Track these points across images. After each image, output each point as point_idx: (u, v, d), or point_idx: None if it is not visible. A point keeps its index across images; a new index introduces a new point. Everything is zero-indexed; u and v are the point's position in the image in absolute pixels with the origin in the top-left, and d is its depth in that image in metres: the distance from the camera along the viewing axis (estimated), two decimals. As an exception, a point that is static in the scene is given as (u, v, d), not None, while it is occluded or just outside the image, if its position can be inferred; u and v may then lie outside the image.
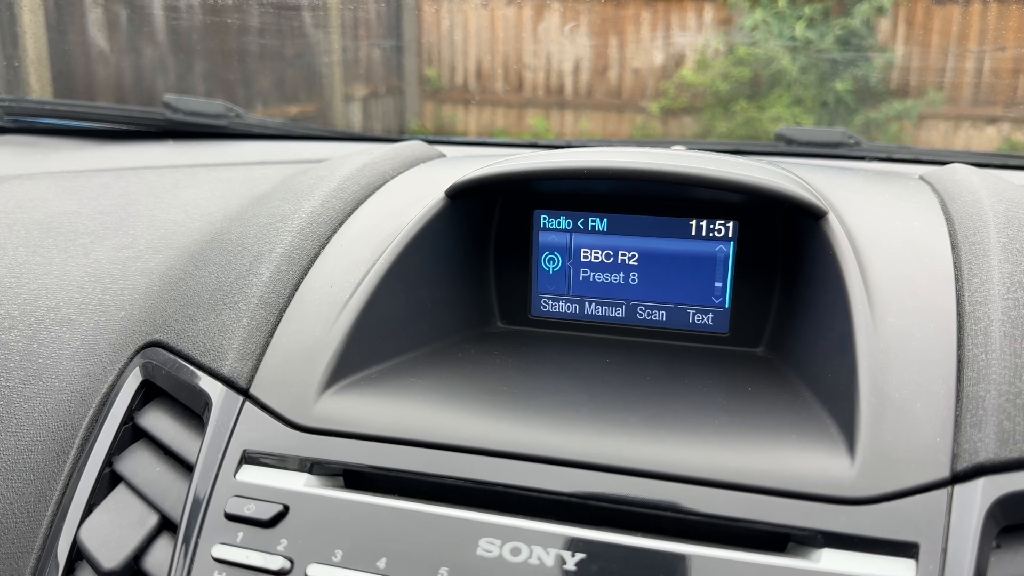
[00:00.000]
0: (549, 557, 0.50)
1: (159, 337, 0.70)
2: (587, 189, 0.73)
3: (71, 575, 0.62)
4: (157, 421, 0.66)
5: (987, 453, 0.48)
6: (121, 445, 0.67)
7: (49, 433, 0.70)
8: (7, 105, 1.42)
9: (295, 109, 2.09)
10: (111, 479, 0.66)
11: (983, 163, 1.03)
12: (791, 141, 1.25)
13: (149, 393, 0.69)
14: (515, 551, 0.50)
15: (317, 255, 0.70)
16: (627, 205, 0.72)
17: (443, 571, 0.50)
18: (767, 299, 0.70)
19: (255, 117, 1.54)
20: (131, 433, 0.68)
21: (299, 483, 0.56)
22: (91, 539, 0.61)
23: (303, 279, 0.68)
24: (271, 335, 0.64)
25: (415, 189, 0.77)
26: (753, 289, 0.70)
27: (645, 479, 0.51)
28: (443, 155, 0.94)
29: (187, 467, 0.61)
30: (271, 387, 0.60)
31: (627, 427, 0.55)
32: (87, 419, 0.69)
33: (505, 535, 0.51)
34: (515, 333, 0.75)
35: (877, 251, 0.62)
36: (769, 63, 2.56)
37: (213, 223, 0.86)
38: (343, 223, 0.73)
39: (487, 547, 0.51)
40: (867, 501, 0.48)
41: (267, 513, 0.54)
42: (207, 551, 0.54)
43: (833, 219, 0.63)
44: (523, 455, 0.54)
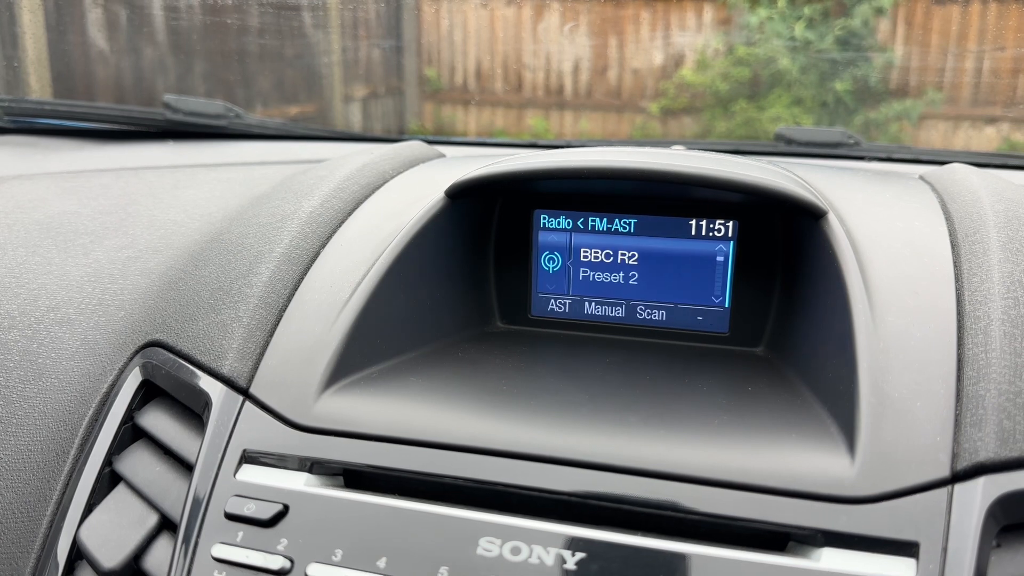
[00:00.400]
0: (549, 556, 0.50)
1: (159, 337, 0.70)
2: (587, 189, 0.73)
3: (71, 575, 0.62)
4: (157, 421, 0.66)
5: (987, 452, 0.48)
6: (121, 445, 0.67)
7: (49, 433, 0.70)
8: (7, 105, 1.42)
9: (295, 109, 2.09)
10: (111, 479, 0.66)
11: (983, 163, 1.03)
12: (791, 141, 1.25)
13: (149, 393, 0.69)
14: (515, 550, 0.50)
15: (317, 255, 0.70)
16: (627, 205, 0.72)
17: (443, 570, 0.50)
18: (767, 299, 0.70)
19: (255, 117, 1.54)
20: (131, 433, 0.68)
21: (299, 483, 0.56)
22: (91, 539, 0.61)
23: (303, 279, 0.68)
24: (271, 335, 0.64)
25: (415, 189, 0.77)
26: (753, 289, 0.70)
27: (645, 478, 0.51)
28: (443, 155, 0.94)
29: (187, 467, 0.61)
30: (271, 387, 0.60)
31: (627, 426, 0.55)
32: (87, 419, 0.69)
33: (505, 534, 0.51)
34: (515, 333, 0.75)
35: (877, 251, 0.62)
36: (769, 63, 2.56)
37: (213, 223, 0.86)
38: (343, 223, 0.73)
39: (487, 546, 0.51)
40: (867, 500, 0.48)
41: (267, 513, 0.54)
42: (207, 551, 0.54)
43: (833, 219, 0.63)
44: (523, 455, 0.54)
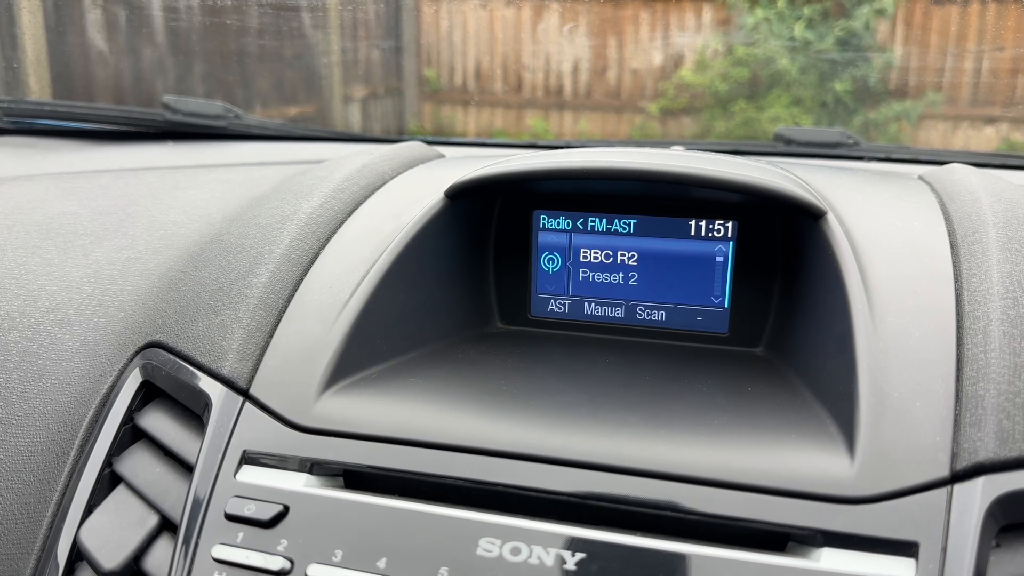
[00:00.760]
0: (549, 557, 0.50)
1: (159, 338, 0.70)
2: (586, 189, 0.73)
3: (71, 576, 0.62)
4: (157, 422, 0.66)
5: (986, 452, 0.49)
6: (121, 446, 0.67)
7: (49, 434, 0.70)
8: (6, 106, 1.42)
9: (294, 110, 2.09)
10: (111, 480, 0.66)
11: (982, 163, 1.03)
12: (790, 141, 1.25)
13: (149, 394, 0.69)
14: (515, 551, 0.50)
15: (316, 256, 0.70)
16: (626, 205, 0.72)
17: (443, 571, 0.50)
18: (766, 299, 0.70)
19: (254, 118, 1.54)
20: (131, 434, 0.68)
21: (299, 483, 0.56)
22: (91, 540, 0.61)
23: (303, 280, 0.68)
24: (271, 336, 0.64)
25: (414, 190, 0.77)
26: (752, 289, 0.70)
27: (645, 479, 0.51)
28: (442, 156, 0.94)
29: (187, 467, 0.61)
30: (271, 387, 0.60)
31: (626, 427, 0.55)
32: (87, 420, 0.69)
33: (505, 535, 0.51)
34: (514, 333, 0.75)
35: (876, 251, 0.62)
36: (768, 63, 2.56)
37: (212, 224, 0.86)
38: (342, 224, 0.73)
39: (487, 547, 0.51)
40: (867, 500, 0.48)
41: (267, 513, 0.54)
42: (207, 551, 0.54)
43: (832, 219, 0.63)
44: (523, 455, 0.54)
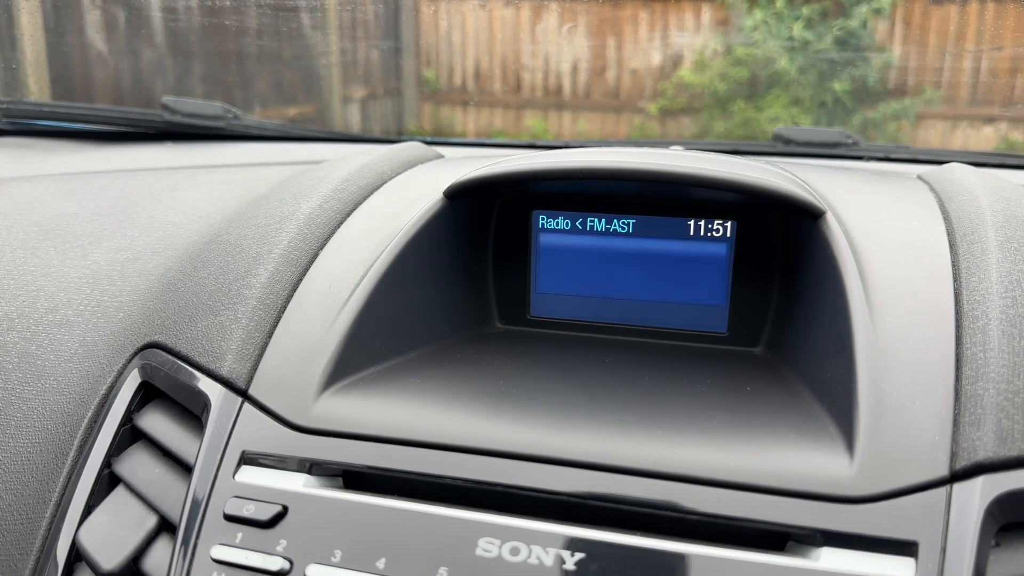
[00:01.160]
0: (548, 557, 0.50)
1: (158, 338, 0.70)
2: (585, 189, 0.73)
3: (70, 576, 0.62)
4: (156, 422, 0.66)
5: (986, 451, 0.49)
6: (120, 446, 0.67)
7: (48, 435, 0.70)
8: (5, 107, 1.42)
9: (293, 110, 2.09)
10: (110, 480, 0.66)
11: (981, 162, 1.03)
12: (789, 141, 1.25)
13: (148, 394, 0.69)
14: (514, 551, 0.50)
15: (315, 256, 0.70)
16: (625, 205, 0.72)
17: (442, 571, 0.50)
18: (765, 299, 0.70)
19: (253, 119, 1.54)
20: (130, 434, 0.68)
21: (298, 484, 0.56)
22: (90, 540, 0.61)
23: (301, 280, 0.68)
24: (269, 336, 0.64)
25: (413, 190, 0.77)
26: (751, 289, 0.70)
27: (644, 479, 0.51)
28: (441, 156, 0.94)
29: (186, 468, 0.61)
30: (270, 388, 0.60)
31: (626, 427, 0.55)
32: (86, 420, 0.69)
33: (504, 535, 0.51)
34: (514, 333, 0.75)
35: (875, 251, 0.62)
36: (767, 63, 2.57)
37: (211, 224, 0.86)
38: (341, 224, 0.73)
39: (486, 547, 0.51)
40: (866, 500, 0.48)
41: (266, 514, 0.54)
42: (206, 552, 0.54)
43: (831, 219, 0.63)
44: (522, 455, 0.54)
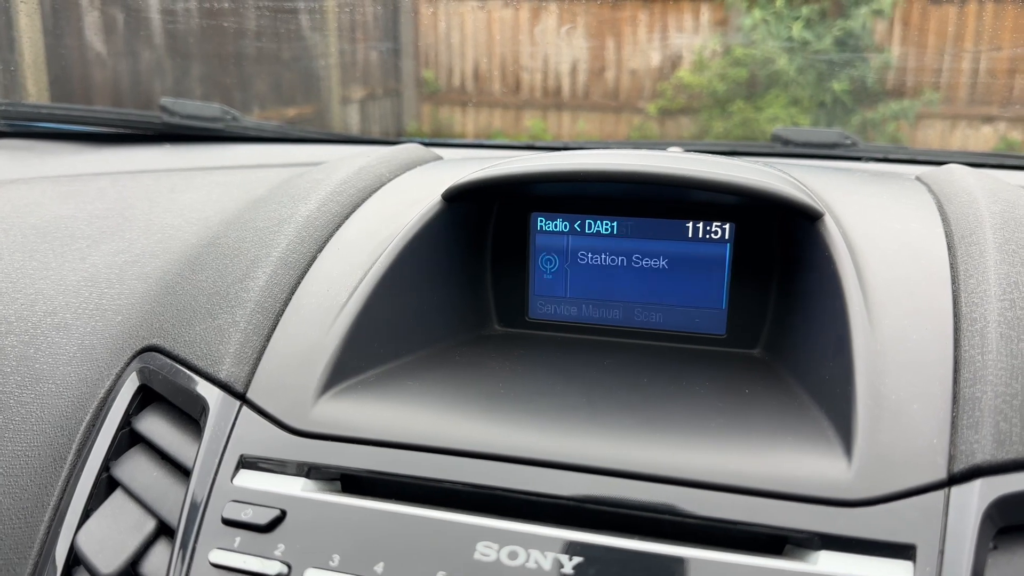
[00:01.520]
0: (546, 560, 0.50)
1: (156, 342, 0.69)
2: (584, 191, 0.73)
3: (68, 581, 0.62)
4: (154, 426, 0.66)
5: (984, 454, 0.48)
6: (118, 450, 0.67)
7: (46, 438, 0.70)
8: (3, 109, 1.42)
9: (292, 112, 2.09)
10: (108, 484, 0.66)
11: (979, 163, 1.03)
12: (788, 142, 1.25)
13: (146, 398, 0.69)
14: (512, 555, 0.50)
15: (314, 259, 0.70)
16: (624, 207, 0.72)
17: (440, 575, 0.50)
18: (764, 301, 0.70)
19: (252, 120, 1.53)
20: (128, 438, 0.68)
21: (296, 488, 0.56)
22: (88, 544, 0.61)
23: (299, 283, 0.67)
24: (268, 339, 0.64)
25: (412, 192, 0.77)
26: (750, 291, 0.70)
27: (642, 482, 0.51)
28: (440, 157, 0.94)
29: (184, 472, 0.61)
30: (268, 391, 0.60)
31: (624, 430, 0.55)
32: (84, 424, 0.69)
33: (502, 539, 0.51)
34: (512, 336, 0.75)
35: (874, 252, 0.62)
36: (766, 64, 2.57)
37: (210, 227, 0.86)
38: (340, 226, 0.73)
39: (484, 551, 0.51)
40: (864, 503, 0.48)
41: (264, 518, 0.54)
42: (204, 556, 0.54)
43: (829, 221, 0.63)
44: (520, 459, 0.54)
